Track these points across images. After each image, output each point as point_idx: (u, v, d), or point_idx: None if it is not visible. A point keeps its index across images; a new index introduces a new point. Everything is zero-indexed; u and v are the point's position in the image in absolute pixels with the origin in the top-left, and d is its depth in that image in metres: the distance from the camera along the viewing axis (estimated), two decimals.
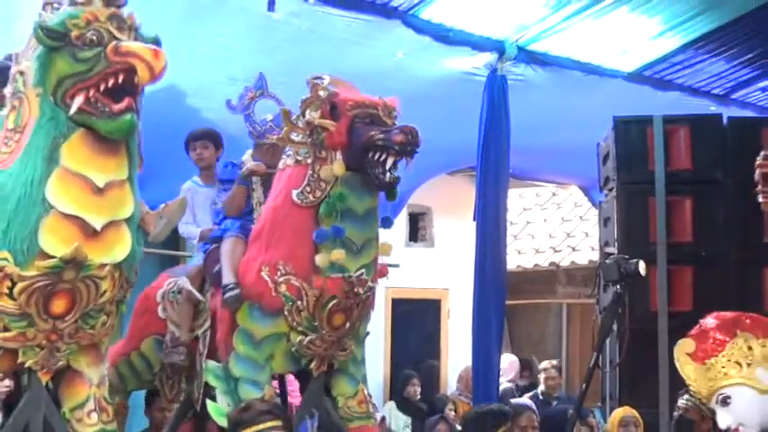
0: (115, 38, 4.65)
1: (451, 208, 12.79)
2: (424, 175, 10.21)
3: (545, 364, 11.26)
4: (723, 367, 4.85)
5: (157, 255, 8.44)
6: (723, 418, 4.83)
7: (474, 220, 8.76)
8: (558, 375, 10.98)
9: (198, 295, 6.54)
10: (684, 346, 5.00)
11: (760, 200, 6.45)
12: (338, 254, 5.83)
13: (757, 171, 6.43)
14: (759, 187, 6.40)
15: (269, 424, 4.92)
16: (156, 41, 4.85)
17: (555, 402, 10.24)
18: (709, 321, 5.10)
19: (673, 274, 8.04)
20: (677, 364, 5.04)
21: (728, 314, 5.11)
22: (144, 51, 4.59)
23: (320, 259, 5.88)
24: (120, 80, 4.60)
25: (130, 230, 4.92)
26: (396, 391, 12.08)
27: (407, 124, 5.72)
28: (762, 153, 6.55)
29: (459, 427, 6.93)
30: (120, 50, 4.58)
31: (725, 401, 4.81)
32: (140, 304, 6.85)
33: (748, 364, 4.82)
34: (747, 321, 4.98)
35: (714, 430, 5.49)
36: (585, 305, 12.71)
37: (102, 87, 4.62)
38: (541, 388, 10.84)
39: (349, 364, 6.40)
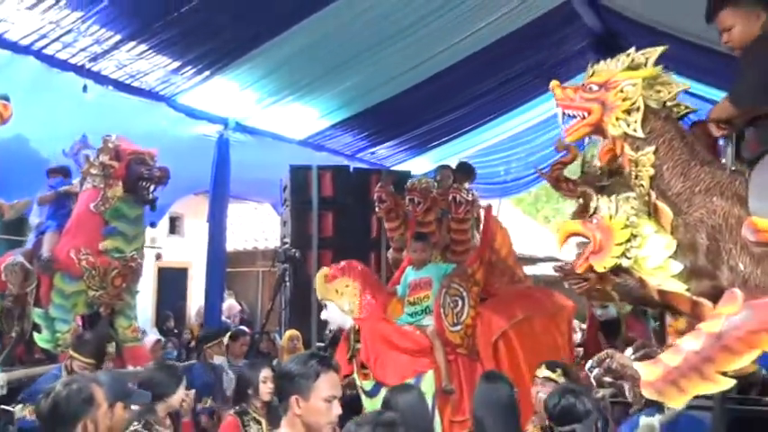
0: None
1: (195, 214, 12.45)
2: (179, 194, 9.95)
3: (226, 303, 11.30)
4: (336, 289, 5.42)
5: (7, 239, 7.85)
6: (323, 314, 5.54)
7: (207, 221, 8.67)
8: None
9: (29, 266, 6.25)
10: (324, 270, 5.56)
11: (378, 213, 6.91)
12: (112, 243, 5.89)
13: (376, 195, 6.85)
14: (377, 204, 6.83)
15: (84, 359, 4.66)
16: (6, 98, 4.61)
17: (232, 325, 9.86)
18: (341, 264, 5.66)
19: (320, 255, 8.38)
20: (317, 279, 5.50)
21: (351, 265, 5.64)
22: None
23: (108, 245, 5.86)
24: None
25: None
26: (160, 324, 11.84)
27: (163, 165, 5.91)
28: (378, 184, 6.98)
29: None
30: None
31: (325, 306, 5.46)
32: None
33: (341, 294, 5.39)
34: (355, 270, 5.56)
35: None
36: (273, 272, 12.79)
37: None
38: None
39: (125, 308, 6.33)
